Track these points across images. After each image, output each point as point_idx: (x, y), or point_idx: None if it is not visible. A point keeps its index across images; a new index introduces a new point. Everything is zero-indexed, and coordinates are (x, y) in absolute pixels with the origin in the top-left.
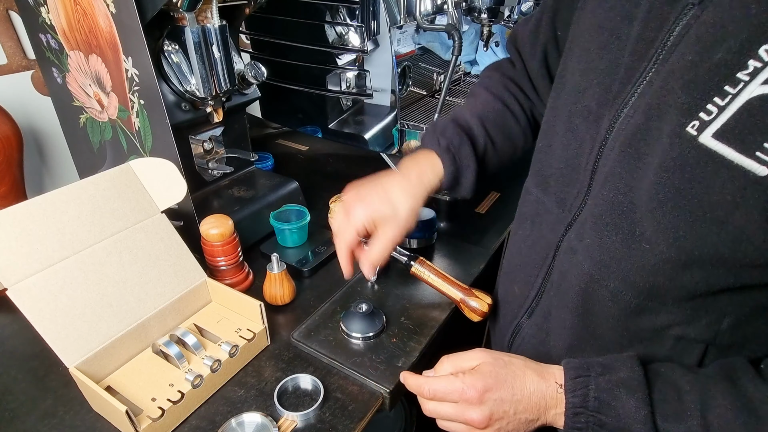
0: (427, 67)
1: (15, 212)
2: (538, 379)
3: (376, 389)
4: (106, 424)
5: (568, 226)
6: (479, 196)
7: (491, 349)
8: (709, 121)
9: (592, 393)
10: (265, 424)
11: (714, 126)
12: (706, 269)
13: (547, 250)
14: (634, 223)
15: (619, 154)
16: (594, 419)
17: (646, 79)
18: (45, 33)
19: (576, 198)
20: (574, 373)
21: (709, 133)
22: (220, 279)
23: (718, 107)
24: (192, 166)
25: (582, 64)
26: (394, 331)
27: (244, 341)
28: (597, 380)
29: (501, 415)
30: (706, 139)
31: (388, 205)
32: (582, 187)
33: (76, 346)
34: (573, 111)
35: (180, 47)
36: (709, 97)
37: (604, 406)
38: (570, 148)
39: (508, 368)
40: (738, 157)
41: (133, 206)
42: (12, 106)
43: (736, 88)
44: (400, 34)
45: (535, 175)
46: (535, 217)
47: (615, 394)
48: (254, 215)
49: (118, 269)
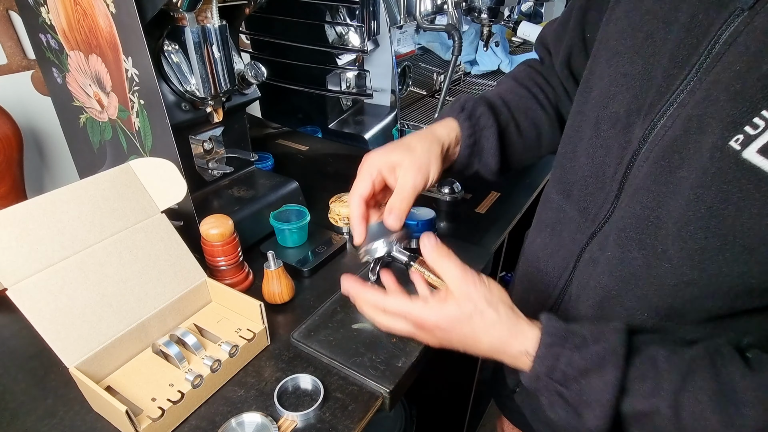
0: (427, 67)
1: (15, 212)
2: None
3: (376, 389)
4: (106, 424)
5: (591, 236)
6: (479, 196)
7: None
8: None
9: (560, 366)
10: (265, 424)
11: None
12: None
13: (567, 260)
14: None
15: (651, 167)
16: (554, 387)
17: (687, 89)
18: (45, 33)
19: (601, 208)
20: (549, 340)
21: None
22: (220, 279)
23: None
24: (192, 166)
25: (611, 68)
26: None
27: (244, 341)
28: (571, 354)
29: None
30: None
31: (404, 147)
32: (609, 197)
33: (76, 346)
34: (601, 117)
35: (180, 47)
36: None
37: (570, 381)
38: (596, 155)
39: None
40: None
41: (133, 206)
42: (12, 106)
43: None
44: (400, 34)
45: (557, 181)
46: (555, 224)
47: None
48: (254, 215)
49: (118, 269)
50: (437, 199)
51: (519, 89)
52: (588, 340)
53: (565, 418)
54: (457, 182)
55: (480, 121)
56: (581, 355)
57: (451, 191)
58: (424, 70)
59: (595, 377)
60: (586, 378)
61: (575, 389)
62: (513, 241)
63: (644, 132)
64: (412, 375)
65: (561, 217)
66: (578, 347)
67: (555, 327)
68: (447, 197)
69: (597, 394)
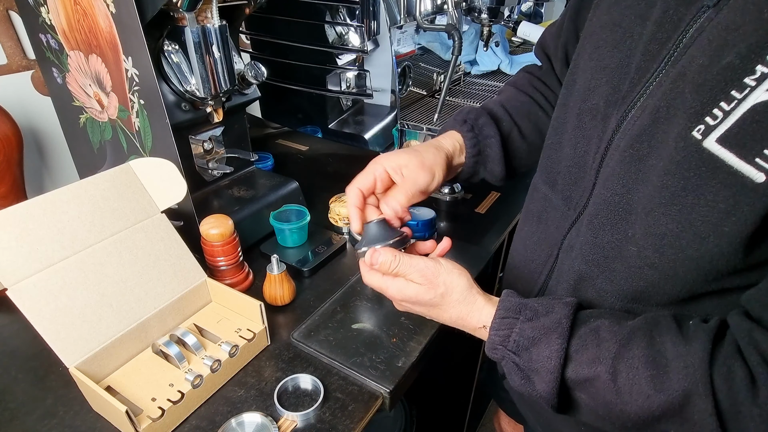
0: (427, 67)
1: (15, 212)
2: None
3: (376, 389)
4: (106, 424)
5: (572, 224)
6: (479, 196)
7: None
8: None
9: (513, 336)
10: (265, 424)
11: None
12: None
13: (551, 248)
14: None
15: (621, 155)
16: (509, 356)
17: (655, 81)
18: (45, 33)
19: (581, 197)
20: (504, 313)
21: (714, 137)
22: (220, 279)
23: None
24: (192, 166)
25: (593, 61)
26: (394, 331)
27: (244, 341)
28: (523, 325)
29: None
30: (710, 144)
31: (411, 151)
32: (587, 186)
33: (76, 346)
34: (582, 109)
35: (180, 47)
36: (716, 102)
37: (521, 350)
38: (578, 146)
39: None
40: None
41: (133, 206)
42: (12, 106)
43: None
44: (400, 34)
45: (543, 171)
46: (542, 213)
47: (535, 343)
48: (254, 215)
49: (118, 269)
50: (437, 199)
51: (520, 95)
52: (539, 313)
53: (520, 384)
54: (457, 182)
55: (483, 131)
56: (531, 326)
57: (451, 191)
58: (424, 70)
59: (543, 346)
60: (535, 347)
61: (526, 357)
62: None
63: (617, 122)
64: (412, 375)
65: (547, 207)
66: (529, 319)
67: (511, 302)
68: (447, 197)
69: (544, 362)
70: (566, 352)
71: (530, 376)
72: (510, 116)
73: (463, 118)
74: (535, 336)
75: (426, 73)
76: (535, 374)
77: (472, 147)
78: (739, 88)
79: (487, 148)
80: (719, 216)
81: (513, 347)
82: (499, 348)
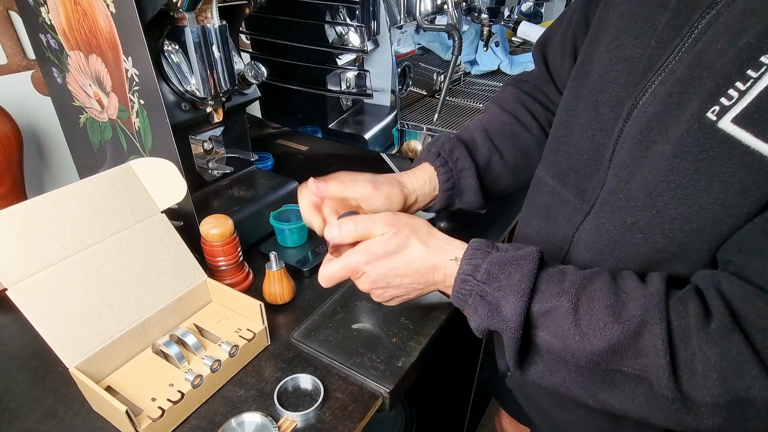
0: (427, 67)
1: (15, 212)
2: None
3: (376, 389)
4: (106, 424)
5: (584, 217)
6: None
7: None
8: (730, 105)
9: (485, 265)
10: (265, 424)
11: (734, 111)
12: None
13: (563, 243)
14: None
15: (631, 143)
16: (478, 288)
17: (668, 67)
18: (45, 33)
19: (595, 189)
20: (476, 245)
21: (729, 118)
22: (220, 279)
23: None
24: (192, 166)
25: (611, 52)
26: (394, 331)
27: (244, 341)
28: (494, 256)
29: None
30: (725, 125)
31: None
32: (601, 178)
33: (76, 346)
34: (600, 100)
35: (180, 47)
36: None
37: (491, 278)
38: (595, 138)
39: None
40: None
41: (133, 206)
42: (12, 106)
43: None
44: (400, 34)
45: (550, 165)
46: (550, 208)
47: (505, 269)
48: (254, 215)
49: (118, 269)
50: None
51: (503, 115)
52: (509, 249)
53: (485, 316)
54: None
55: (457, 164)
56: (503, 256)
57: None
58: (424, 70)
59: (514, 270)
60: (505, 271)
61: (495, 286)
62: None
63: (629, 110)
64: (412, 375)
65: (556, 201)
66: (500, 251)
67: (481, 241)
68: None
69: (514, 286)
70: (535, 280)
71: (498, 303)
72: (490, 140)
73: (437, 150)
74: (506, 263)
75: (426, 73)
76: (503, 300)
77: (445, 182)
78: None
79: (461, 180)
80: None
81: (483, 276)
82: (468, 278)
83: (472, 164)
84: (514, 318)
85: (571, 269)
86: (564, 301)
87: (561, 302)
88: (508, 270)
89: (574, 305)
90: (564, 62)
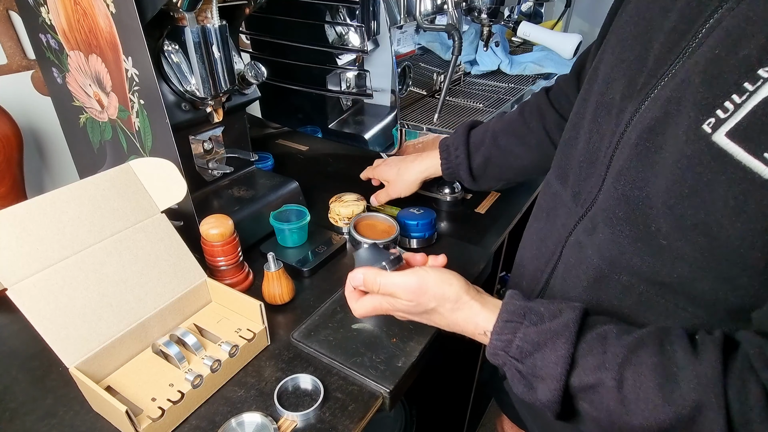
0: (427, 67)
1: (15, 212)
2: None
3: (376, 389)
4: (106, 424)
5: (578, 220)
6: (479, 196)
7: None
8: (725, 119)
9: (516, 341)
10: (265, 424)
11: (728, 124)
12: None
13: (555, 245)
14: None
15: (634, 148)
16: (511, 363)
17: (671, 73)
18: (45, 33)
19: (590, 192)
20: (507, 317)
21: (723, 131)
22: (220, 279)
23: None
24: (192, 166)
25: (614, 55)
26: (394, 331)
27: (244, 341)
28: (527, 330)
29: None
30: (719, 138)
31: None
32: (597, 181)
33: (76, 346)
34: (599, 103)
35: (180, 47)
36: (728, 94)
37: (525, 356)
38: (592, 141)
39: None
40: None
41: (133, 206)
42: (12, 106)
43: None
44: (400, 34)
45: (557, 167)
46: (551, 210)
47: (539, 346)
48: (254, 215)
49: (118, 269)
50: (437, 199)
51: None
52: (545, 317)
53: (522, 392)
54: (457, 182)
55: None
56: (537, 330)
57: (451, 191)
58: (424, 70)
59: (548, 351)
60: (539, 352)
61: (529, 364)
62: (513, 241)
63: (631, 115)
64: (412, 375)
65: (556, 203)
66: (534, 324)
67: (515, 305)
68: (447, 197)
69: (549, 368)
70: (572, 357)
71: (533, 383)
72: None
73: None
74: (540, 341)
75: (426, 73)
76: (539, 381)
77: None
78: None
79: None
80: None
81: (516, 353)
82: (500, 354)
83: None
84: (552, 400)
85: (613, 335)
86: (606, 377)
87: (603, 378)
88: (543, 350)
89: (618, 383)
90: None
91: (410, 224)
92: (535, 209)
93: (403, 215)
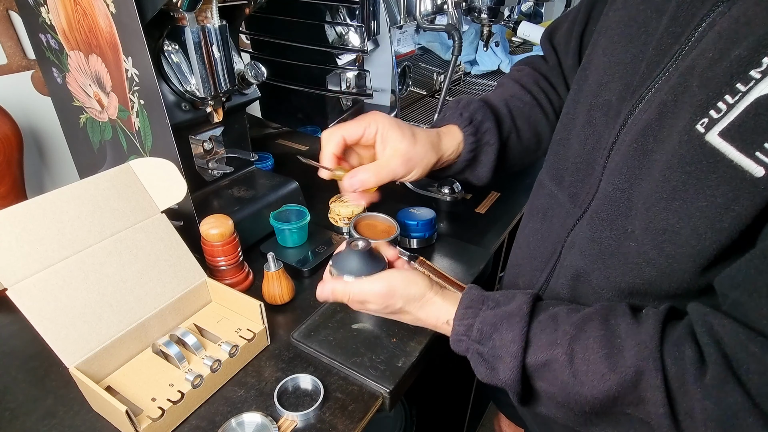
0: (427, 67)
1: (15, 212)
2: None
3: (376, 389)
4: (106, 424)
5: (576, 221)
6: (479, 196)
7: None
8: (718, 119)
9: (477, 324)
10: (265, 424)
11: (721, 124)
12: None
13: (555, 245)
14: (628, 221)
15: (626, 150)
16: (473, 347)
17: (665, 75)
18: (45, 33)
19: (588, 194)
20: (467, 303)
21: (716, 131)
22: (220, 279)
23: (728, 105)
24: (192, 166)
25: (607, 56)
26: (394, 331)
27: (244, 341)
28: (485, 313)
29: None
30: (712, 138)
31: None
32: (594, 183)
33: (76, 346)
34: (593, 104)
35: (180, 47)
36: (721, 94)
37: (485, 338)
38: (588, 142)
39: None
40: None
41: (133, 206)
42: (12, 106)
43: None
44: (400, 34)
45: (550, 168)
46: (547, 210)
47: (497, 329)
48: (254, 215)
49: (118, 269)
50: (437, 199)
51: (524, 95)
52: (500, 302)
53: (485, 374)
54: (457, 182)
55: (484, 137)
56: (494, 313)
57: (451, 191)
58: (424, 70)
59: (505, 330)
60: (497, 332)
61: (489, 345)
62: (513, 241)
63: (625, 117)
64: (412, 375)
65: (552, 204)
66: (491, 308)
67: (473, 294)
68: (447, 197)
69: (506, 347)
70: (527, 336)
71: (494, 363)
72: (512, 118)
73: (470, 116)
74: (496, 322)
75: (426, 73)
76: (499, 361)
77: (469, 152)
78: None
79: (482, 154)
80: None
81: (476, 336)
82: (463, 339)
83: (497, 140)
84: (511, 378)
85: (563, 314)
86: (558, 353)
87: (556, 354)
88: (500, 330)
89: (569, 357)
90: (567, 58)
91: (410, 224)
92: (528, 209)
93: (403, 215)
